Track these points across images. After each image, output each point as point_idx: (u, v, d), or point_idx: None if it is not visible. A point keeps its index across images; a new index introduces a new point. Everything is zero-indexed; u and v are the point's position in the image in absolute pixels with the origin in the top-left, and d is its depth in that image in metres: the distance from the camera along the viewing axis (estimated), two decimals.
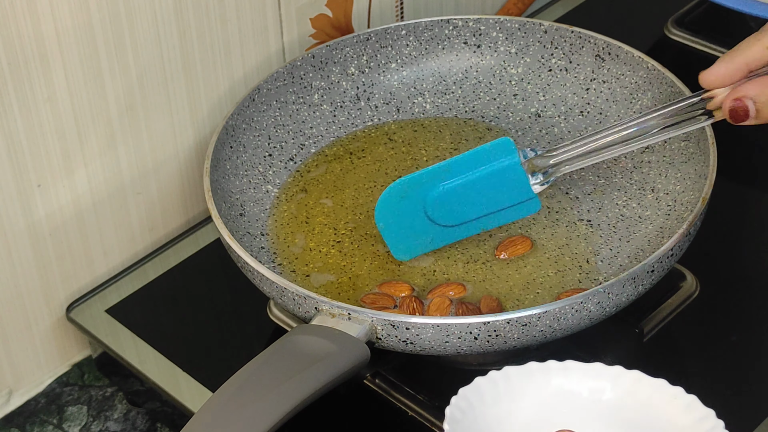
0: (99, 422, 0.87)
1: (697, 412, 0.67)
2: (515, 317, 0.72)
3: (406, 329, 0.73)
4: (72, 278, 0.89)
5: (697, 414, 0.67)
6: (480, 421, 0.67)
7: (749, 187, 0.95)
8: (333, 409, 0.79)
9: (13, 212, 0.83)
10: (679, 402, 0.68)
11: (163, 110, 0.89)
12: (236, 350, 0.85)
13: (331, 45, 0.94)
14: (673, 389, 0.69)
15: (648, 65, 0.90)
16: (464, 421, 0.66)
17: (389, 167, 0.91)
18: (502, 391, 0.69)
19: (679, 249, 0.77)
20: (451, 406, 0.67)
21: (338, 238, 0.86)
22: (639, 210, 0.86)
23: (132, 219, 0.91)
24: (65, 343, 0.90)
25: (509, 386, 0.69)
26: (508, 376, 0.70)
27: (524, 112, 0.95)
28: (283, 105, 0.93)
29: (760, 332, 0.83)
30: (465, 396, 0.68)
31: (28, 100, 0.81)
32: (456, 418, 0.66)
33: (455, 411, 0.67)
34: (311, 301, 0.75)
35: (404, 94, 0.96)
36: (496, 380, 0.69)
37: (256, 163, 0.90)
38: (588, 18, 1.11)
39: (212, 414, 0.68)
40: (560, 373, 0.71)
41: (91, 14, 0.82)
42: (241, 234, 0.84)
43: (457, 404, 0.67)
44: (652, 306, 0.83)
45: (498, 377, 0.70)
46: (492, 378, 0.69)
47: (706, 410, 0.67)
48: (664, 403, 0.68)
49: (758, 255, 0.89)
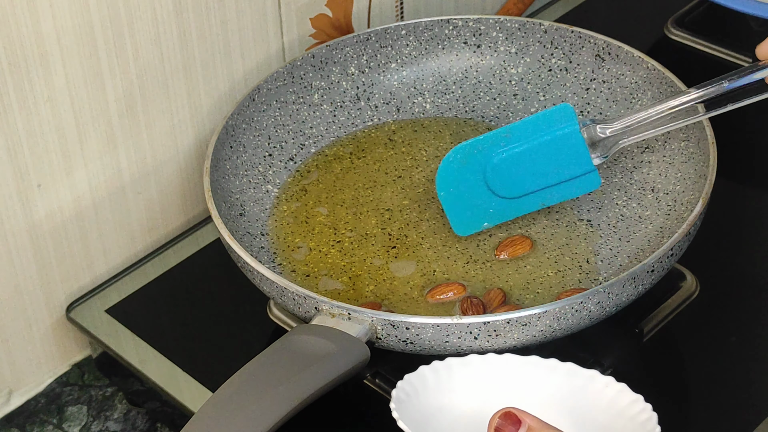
0: (99, 422, 0.87)
1: (627, 398, 0.70)
2: (515, 317, 0.72)
3: (406, 329, 0.73)
4: (72, 278, 0.89)
5: (628, 399, 0.70)
6: (423, 406, 0.70)
7: (749, 187, 0.95)
8: (333, 409, 0.79)
9: (13, 212, 0.83)
10: (610, 390, 0.71)
11: (163, 110, 0.89)
12: (236, 350, 0.85)
13: (331, 45, 0.94)
14: (604, 378, 0.71)
15: (648, 65, 0.90)
16: (408, 402, 0.69)
17: (389, 167, 0.91)
18: (444, 380, 0.72)
19: (679, 249, 0.77)
20: (396, 389, 0.69)
21: (338, 238, 0.86)
22: (639, 210, 0.86)
23: (132, 219, 0.91)
24: (65, 343, 0.90)
25: (451, 376, 0.72)
26: (450, 367, 0.72)
27: (524, 112, 0.95)
28: (283, 105, 0.93)
29: (760, 332, 0.83)
30: (410, 381, 0.71)
31: (28, 100, 0.81)
32: (401, 398, 0.69)
33: (400, 393, 0.69)
34: (311, 301, 0.75)
35: (404, 94, 0.96)
36: (439, 370, 0.72)
37: (256, 163, 0.90)
38: (588, 18, 1.11)
39: (212, 414, 0.68)
40: (500, 365, 0.73)
41: (91, 14, 0.82)
42: (241, 234, 0.84)
43: (402, 388, 0.70)
44: (652, 306, 0.83)
45: (440, 367, 0.72)
46: (435, 367, 0.72)
47: (635, 395, 0.70)
48: (597, 392, 0.71)
49: (758, 255, 0.88)
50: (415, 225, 0.87)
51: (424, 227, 0.86)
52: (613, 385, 0.71)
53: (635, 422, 0.69)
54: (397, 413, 0.67)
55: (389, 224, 0.87)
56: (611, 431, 0.69)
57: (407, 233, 0.86)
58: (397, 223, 0.87)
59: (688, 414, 0.79)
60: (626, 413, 0.69)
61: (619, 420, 0.69)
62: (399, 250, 0.85)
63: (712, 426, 0.77)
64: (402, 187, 0.90)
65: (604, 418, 0.70)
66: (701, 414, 0.79)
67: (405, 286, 0.82)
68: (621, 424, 0.69)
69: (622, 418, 0.69)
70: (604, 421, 0.70)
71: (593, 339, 0.80)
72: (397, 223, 0.87)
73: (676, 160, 0.87)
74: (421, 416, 0.69)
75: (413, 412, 0.69)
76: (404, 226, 0.87)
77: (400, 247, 0.85)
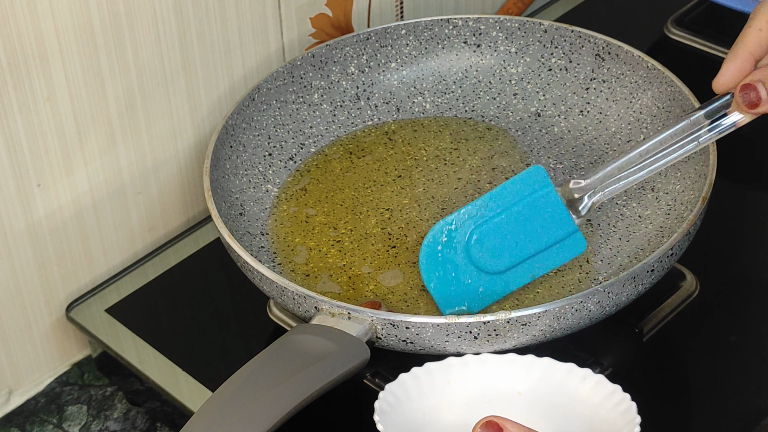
0: (99, 422, 0.87)
1: (605, 389, 0.70)
2: (515, 317, 0.72)
3: (406, 329, 0.73)
4: (72, 278, 0.89)
5: (606, 390, 0.70)
6: (407, 414, 0.70)
7: (749, 187, 0.95)
8: (333, 409, 0.79)
9: (13, 212, 0.83)
10: (588, 382, 0.71)
11: (163, 110, 0.89)
12: (236, 350, 0.85)
13: (331, 44, 0.94)
14: (581, 371, 0.72)
15: (648, 65, 0.90)
16: (392, 413, 0.69)
17: (389, 167, 0.91)
18: (426, 386, 0.72)
19: (679, 248, 0.77)
20: (379, 400, 0.70)
21: (338, 237, 0.86)
22: (639, 209, 0.86)
23: (132, 219, 0.91)
24: (65, 343, 0.91)
25: (431, 381, 0.72)
26: (430, 371, 0.72)
27: (524, 111, 0.95)
28: (283, 104, 0.93)
29: (760, 332, 0.83)
30: (391, 391, 0.71)
31: (28, 100, 0.81)
32: (384, 410, 0.69)
33: (383, 404, 0.70)
34: (311, 301, 0.75)
35: (404, 94, 0.96)
36: (419, 375, 0.72)
37: (256, 163, 0.90)
38: (588, 18, 1.11)
39: (212, 414, 0.68)
40: (478, 365, 0.73)
41: (91, 14, 0.82)
42: (241, 233, 0.84)
43: (385, 398, 0.70)
44: (652, 306, 0.83)
45: (420, 373, 0.72)
46: (414, 374, 0.72)
47: (613, 386, 0.70)
48: (575, 384, 0.72)
49: (758, 255, 0.89)
50: (415, 225, 0.87)
51: (424, 227, 0.86)
52: (591, 377, 0.71)
53: (616, 412, 0.69)
54: (381, 426, 0.67)
55: (389, 224, 0.87)
56: (593, 422, 0.70)
57: (407, 233, 0.86)
58: (397, 223, 0.87)
59: (688, 414, 0.79)
60: (606, 404, 0.70)
61: (600, 411, 0.70)
62: (399, 249, 0.85)
63: (712, 426, 0.77)
64: (402, 187, 0.90)
65: (585, 409, 0.71)
66: (701, 414, 0.79)
67: (405, 286, 0.82)
68: (602, 414, 0.70)
69: (603, 409, 0.70)
70: (586, 412, 0.71)
71: (593, 339, 0.80)
72: (397, 223, 0.87)
73: None
74: (406, 425, 0.70)
75: (398, 421, 0.69)
76: (404, 226, 0.87)
77: (400, 247, 0.85)
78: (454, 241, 0.79)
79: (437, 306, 0.80)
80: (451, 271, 0.80)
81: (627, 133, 0.90)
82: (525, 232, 0.79)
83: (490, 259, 0.80)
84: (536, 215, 0.79)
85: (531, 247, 0.80)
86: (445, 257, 0.79)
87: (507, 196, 0.79)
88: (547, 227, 0.79)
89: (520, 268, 0.80)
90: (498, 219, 0.79)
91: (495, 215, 0.79)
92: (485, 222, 0.79)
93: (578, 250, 0.80)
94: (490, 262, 0.80)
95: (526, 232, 0.79)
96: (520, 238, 0.79)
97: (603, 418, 0.69)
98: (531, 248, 0.80)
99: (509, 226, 0.79)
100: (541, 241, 0.79)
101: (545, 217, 0.79)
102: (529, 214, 0.79)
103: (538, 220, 0.79)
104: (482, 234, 0.79)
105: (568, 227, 0.79)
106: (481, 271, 0.80)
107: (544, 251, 0.80)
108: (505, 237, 0.79)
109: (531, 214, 0.79)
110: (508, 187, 0.80)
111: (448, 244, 0.79)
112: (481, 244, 0.79)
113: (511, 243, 0.80)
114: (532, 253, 0.80)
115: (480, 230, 0.79)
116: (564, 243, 0.80)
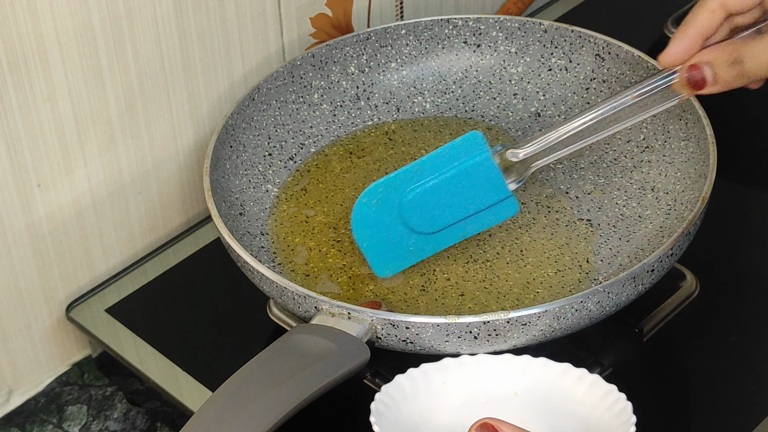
0: (99, 422, 0.87)
1: (600, 389, 0.70)
2: (515, 317, 0.72)
3: (406, 329, 0.73)
4: (72, 278, 0.89)
5: (602, 390, 0.70)
6: (403, 415, 0.70)
7: (749, 187, 0.95)
8: (333, 409, 0.79)
9: (13, 212, 0.83)
10: (584, 382, 0.71)
11: (163, 110, 0.89)
12: (236, 350, 0.85)
13: (331, 44, 0.94)
14: (577, 371, 0.72)
15: (648, 65, 0.90)
16: (388, 414, 0.69)
17: (389, 167, 0.91)
18: (421, 387, 0.72)
19: (679, 248, 0.77)
20: (375, 402, 0.70)
21: (338, 237, 0.86)
22: (639, 209, 0.86)
23: (132, 219, 0.91)
24: (65, 343, 0.91)
25: (427, 381, 0.72)
26: (426, 372, 0.72)
27: (524, 111, 0.95)
28: (283, 104, 0.93)
29: (760, 332, 0.83)
30: (387, 392, 0.71)
31: (28, 100, 0.81)
32: (380, 411, 0.69)
33: (379, 405, 0.70)
34: (311, 301, 0.75)
35: (404, 94, 0.96)
36: (415, 376, 0.72)
37: (256, 163, 0.90)
38: (588, 17, 1.11)
39: (212, 413, 0.68)
40: (474, 366, 0.73)
41: (91, 14, 0.82)
42: (241, 233, 0.84)
43: (381, 399, 0.70)
44: (652, 306, 0.83)
45: (416, 374, 0.72)
46: (410, 375, 0.72)
47: (608, 386, 0.70)
48: (571, 385, 0.72)
49: (758, 255, 0.89)
50: None
51: None
52: (587, 377, 0.71)
53: (611, 412, 0.69)
54: (377, 427, 0.67)
55: None
56: (588, 422, 0.70)
57: None
58: None
59: (688, 414, 0.79)
60: (602, 404, 0.70)
61: (596, 411, 0.70)
62: None
63: (712, 426, 0.77)
64: None
65: (580, 409, 0.71)
66: (701, 414, 0.79)
67: (405, 286, 0.82)
68: (598, 414, 0.70)
69: (598, 409, 0.70)
70: (581, 412, 0.71)
71: (593, 339, 0.80)
72: None
73: (676, 160, 0.87)
74: (402, 426, 0.70)
75: (394, 422, 0.69)
76: None
77: None
78: (387, 201, 0.80)
79: (369, 265, 0.82)
80: (381, 229, 0.81)
81: (627, 133, 0.90)
82: (458, 195, 0.80)
83: (422, 221, 0.81)
84: (470, 180, 0.80)
85: (464, 211, 0.81)
86: (377, 217, 0.80)
87: (443, 159, 0.80)
88: (481, 192, 0.80)
89: (452, 229, 0.81)
90: (433, 182, 0.80)
91: (430, 178, 0.80)
92: (420, 185, 0.80)
93: (510, 213, 0.81)
94: (422, 224, 0.81)
95: (460, 196, 0.80)
96: (453, 201, 0.80)
97: (598, 418, 0.70)
98: (464, 212, 0.81)
99: (443, 189, 0.80)
100: (474, 205, 0.81)
101: (480, 183, 0.80)
102: (463, 179, 0.80)
103: (472, 185, 0.80)
104: (416, 196, 0.80)
105: (502, 193, 0.80)
106: (413, 231, 0.81)
107: (477, 214, 0.81)
108: (439, 200, 0.81)
109: (465, 179, 0.80)
110: (444, 151, 0.80)
111: (380, 205, 0.81)
112: (414, 205, 0.80)
113: (444, 206, 0.81)
114: (465, 216, 0.81)
115: (414, 192, 0.80)
116: (497, 206, 0.81)
